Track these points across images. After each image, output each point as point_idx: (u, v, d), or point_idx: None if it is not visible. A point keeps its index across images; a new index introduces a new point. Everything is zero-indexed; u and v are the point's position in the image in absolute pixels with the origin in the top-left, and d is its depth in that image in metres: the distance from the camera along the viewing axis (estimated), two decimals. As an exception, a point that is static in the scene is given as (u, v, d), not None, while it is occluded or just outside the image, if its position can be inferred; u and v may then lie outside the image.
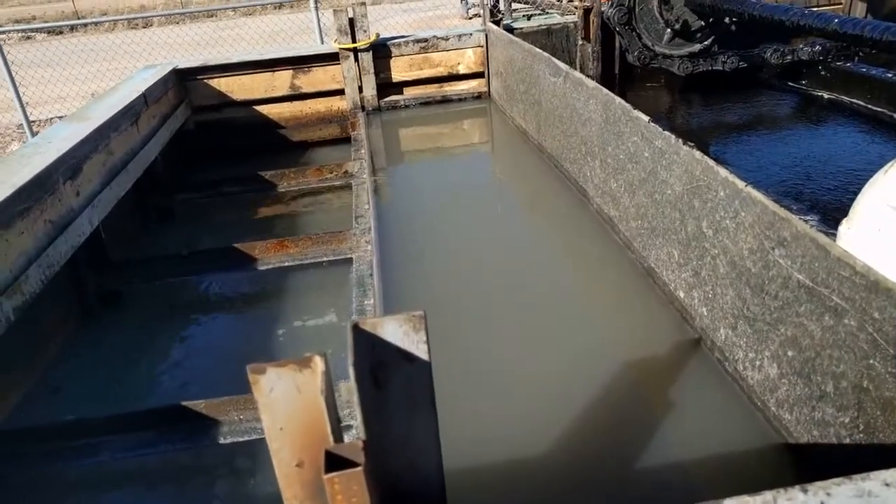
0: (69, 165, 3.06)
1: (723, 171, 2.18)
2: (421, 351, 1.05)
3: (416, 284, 3.08)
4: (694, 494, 1.80)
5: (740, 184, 2.08)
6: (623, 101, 2.90)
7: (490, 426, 2.08)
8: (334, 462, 0.93)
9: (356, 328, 1.01)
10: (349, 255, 3.31)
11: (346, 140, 5.02)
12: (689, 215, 2.41)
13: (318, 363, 1.02)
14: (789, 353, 1.86)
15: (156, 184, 4.20)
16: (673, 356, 2.31)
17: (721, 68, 5.15)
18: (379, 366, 1.04)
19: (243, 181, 4.26)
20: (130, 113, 3.91)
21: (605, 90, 3.12)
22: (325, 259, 3.36)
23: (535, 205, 3.80)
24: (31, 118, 8.39)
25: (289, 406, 1.04)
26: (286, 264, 3.33)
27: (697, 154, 2.34)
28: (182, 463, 2.41)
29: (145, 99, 4.20)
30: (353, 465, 0.93)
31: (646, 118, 2.67)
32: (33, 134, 7.94)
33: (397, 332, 1.03)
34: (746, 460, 1.89)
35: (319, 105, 5.36)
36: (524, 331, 2.59)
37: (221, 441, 2.31)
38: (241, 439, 2.31)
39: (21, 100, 8.20)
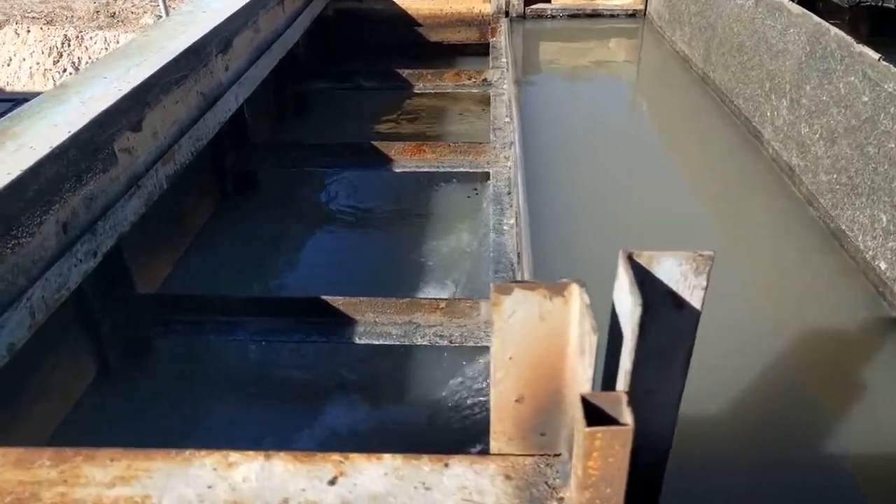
0: (222, 38, 2.98)
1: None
2: (695, 298, 0.86)
3: (554, 212, 2.86)
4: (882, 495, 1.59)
5: None
6: (841, 33, 2.48)
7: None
8: (592, 413, 0.78)
9: (630, 259, 0.83)
10: (486, 169, 3.13)
11: (483, 46, 4.72)
12: (912, 176, 2.05)
13: (575, 292, 0.85)
14: None
15: (295, 69, 4.11)
16: (863, 335, 2.03)
17: (892, 6, 4.41)
18: (642, 308, 0.86)
19: (379, 77, 4.09)
20: (277, -9, 3.77)
21: (815, 18, 2.68)
22: (461, 169, 3.20)
23: (693, 141, 3.44)
24: (165, -9, 8.45)
25: (526, 334, 0.89)
26: (422, 169, 3.19)
27: (944, 105, 1.96)
28: (314, 356, 2.40)
29: (291, -22, 4.05)
30: (611, 420, 0.78)
31: (875, 55, 2.26)
32: (166, 8, 8.03)
33: (674, 271, 0.85)
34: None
35: (460, 5, 5.04)
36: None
37: (356, 341, 2.26)
38: (375, 342, 2.25)
39: (158, -29, 8.26)
